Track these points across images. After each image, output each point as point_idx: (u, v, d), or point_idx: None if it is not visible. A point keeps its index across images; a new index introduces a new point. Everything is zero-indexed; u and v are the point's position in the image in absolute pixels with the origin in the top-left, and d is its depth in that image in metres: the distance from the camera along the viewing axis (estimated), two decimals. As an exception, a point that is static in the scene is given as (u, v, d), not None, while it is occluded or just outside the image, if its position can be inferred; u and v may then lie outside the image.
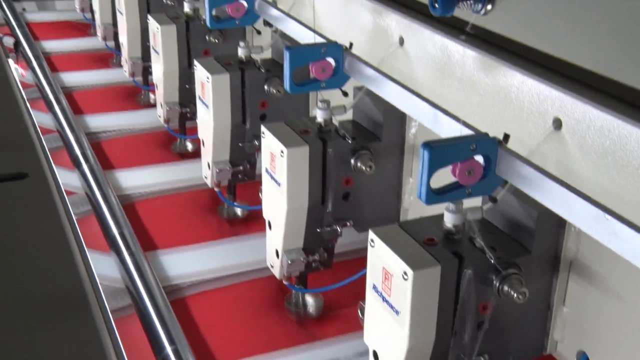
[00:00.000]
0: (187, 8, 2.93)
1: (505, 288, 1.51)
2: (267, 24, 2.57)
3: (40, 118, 3.32)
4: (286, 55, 1.96)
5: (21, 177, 1.91)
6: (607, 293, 1.58)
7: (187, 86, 2.97)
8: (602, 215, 1.27)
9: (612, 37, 1.28)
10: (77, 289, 1.59)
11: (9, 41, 4.08)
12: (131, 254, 2.40)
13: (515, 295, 1.50)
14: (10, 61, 3.09)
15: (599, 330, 1.61)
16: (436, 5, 1.48)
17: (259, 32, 2.87)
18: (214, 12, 2.49)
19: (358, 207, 2.12)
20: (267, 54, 2.61)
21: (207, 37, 2.86)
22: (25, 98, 2.55)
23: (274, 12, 2.41)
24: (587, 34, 1.33)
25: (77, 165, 2.95)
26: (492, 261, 1.51)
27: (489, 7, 1.47)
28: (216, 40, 2.86)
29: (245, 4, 2.47)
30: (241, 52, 2.49)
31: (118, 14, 3.42)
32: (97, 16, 3.95)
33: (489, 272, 1.52)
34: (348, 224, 2.11)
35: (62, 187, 2.04)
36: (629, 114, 1.24)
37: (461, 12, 1.51)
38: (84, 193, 2.81)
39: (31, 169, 1.94)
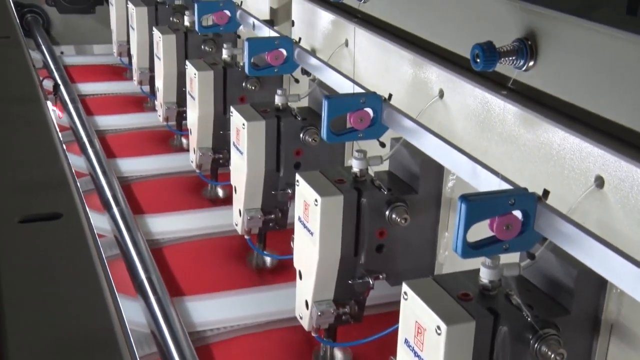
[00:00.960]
0: (225, 55, 2.96)
1: (543, 349, 1.49)
2: (305, 72, 2.62)
3: (74, 160, 3.36)
4: (325, 104, 1.98)
5: (56, 217, 1.93)
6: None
7: (221, 132, 2.99)
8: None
9: None
10: (107, 332, 1.60)
11: (48, 84, 4.14)
12: (158, 300, 2.40)
13: (552, 356, 1.49)
14: (49, 103, 3.14)
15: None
16: (478, 60, 1.52)
17: (296, 81, 2.87)
18: (252, 60, 2.53)
19: (392, 260, 2.11)
20: (304, 103, 2.64)
21: (244, 84, 2.89)
22: (62, 140, 2.59)
23: (313, 61, 2.45)
24: (630, 91, 1.35)
25: (107, 208, 2.98)
26: (529, 319, 1.50)
27: (531, 63, 1.51)
28: (253, 87, 2.88)
29: (284, 52, 2.52)
30: (278, 100, 2.51)
31: (156, 59, 3.47)
32: (134, 60, 4.01)
33: (526, 331, 1.51)
34: (381, 276, 2.10)
35: (94, 229, 2.06)
36: None
37: (503, 67, 1.54)
38: (113, 236, 2.84)
39: (65, 209, 1.96)
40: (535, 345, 1.50)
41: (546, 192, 1.49)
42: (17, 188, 2.13)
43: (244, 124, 2.44)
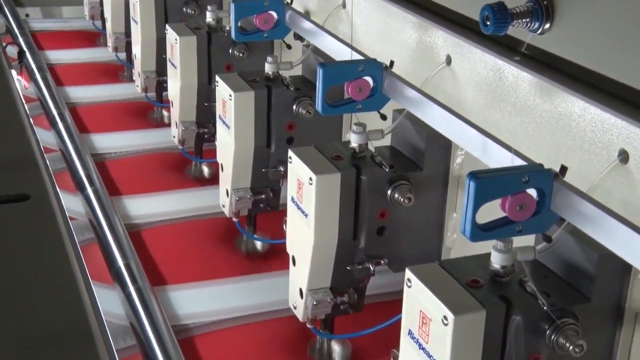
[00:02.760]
0: (209, 18, 2.97)
1: (560, 340, 1.50)
2: (298, 37, 2.62)
3: (43, 135, 3.34)
4: (319, 73, 1.98)
5: (23, 199, 1.95)
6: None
7: (206, 104, 2.99)
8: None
9: None
10: (81, 324, 1.62)
11: (12, 51, 4.12)
12: (137, 289, 2.41)
13: (571, 348, 1.49)
14: (13, 72, 3.14)
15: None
16: (488, 23, 1.51)
17: (288, 47, 2.87)
18: (239, 24, 2.53)
19: (394, 244, 2.12)
20: (297, 71, 2.63)
21: (230, 51, 2.89)
22: (29, 113, 2.59)
23: (306, 24, 2.46)
24: None
25: (80, 188, 2.96)
26: (545, 308, 1.51)
27: (547, 25, 1.50)
28: (241, 54, 2.89)
29: (275, 15, 2.52)
30: (268, 68, 2.52)
31: (132, 23, 3.46)
32: (108, 24, 4.00)
33: (541, 320, 1.51)
34: (382, 262, 2.11)
35: (66, 211, 2.07)
36: None
37: (515, 30, 1.54)
38: (87, 219, 2.83)
39: (34, 190, 1.98)
40: (552, 336, 1.51)
41: (564, 168, 1.49)
42: None
43: (230, 95, 2.45)
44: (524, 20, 1.50)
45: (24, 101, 2.72)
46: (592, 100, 1.44)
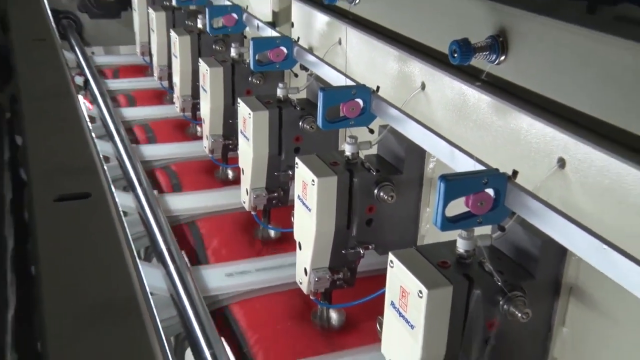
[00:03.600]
0: (233, 53, 2.93)
1: (511, 308, 1.49)
2: (303, 68, 2.60)
3: (102, 146, 3.36)
4: (320, 96, 1.97)
5: (86, 197, 1.91)
6: (603, 316, 1.55)
7: (230, 121, 2.96)
8: (600, 245, 1.26)
9: (612, 87, 1.28)
10: (130, 296, 1.58)
11: (79, 80, 4.12)
12: (176, 268, 2.40)
13: (519, 315, 1.48)
14: (80, 97, 3.12)
15: (595, 351, 1.58)
16: (455, 55, 1.50)
17: (296, 75, 2.86)
18: (257, 57, 2.51)
19: (379, 233, 2.09)
20: (303, 95, 2.61)
21: (250, 79, 2.86)
22: (91, 129, 2.56)
23: (310, 57, 2.43)
24: (588, 82, 1.33)
25: (132, 188, 2.97)
26: (499, 284, 1.49)
27: (502, 57, 1.49)
28: (258, 82, 2.86)
29: (285, 50, 2.49)
30: (280, 92, 2.49)
31: (173, 58, 3.43)
32: (154, 59, 3.97)
33: (496, 293, 1.50)
34: (370, 247, 2.09)
35: (119, 206, 2.04)
36: (627, 156, 1.23)
37: (477, 61, 1.52)
38: (137, 213, 2.82)
39: (94, 190, 1.94)
40: (504, 306, 1.50)
41: (515, 172, 1.49)
42: (52, 171, 2.11)
43: (249, 114, 2.42)
44: (484, 53, 1.48)
45: (87, 119, 2.68)
46: (537, 117, 1.42)
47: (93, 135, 2.95)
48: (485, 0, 1.49)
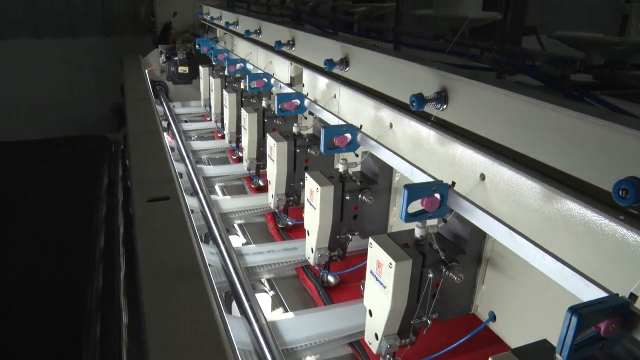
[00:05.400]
0: (264, 103, 2.88)
1: (450, 274, 1.47)
2: (310, 112, 2.55)
3: (178, 166, 3.26)
4: (322, 131, 1.93)
5: (166, 199, 1.88)
6: (507, 277, 1.53)
7: (261, 149, 2.88)
8: (507, 230, 1.24)
9: (515, 125, 1.25)
10: (195, 266, 1.54)
11: (165, 123, 4.09)
12: (225, 248, 2.32)
13: (455, 278, 1.46)
14: (165, 134, 3.09)
15: (503, 300, 1.56)
16: (414, 104, 1.46)
17: (305, 118, 2.83)
18: (279, 106, 2.47)
19: (362, 223, 2.05)
20: (310, 131, 2.56)
21: (275, 120, 2.80)
22: (171, 155, 2.53)
23: (315, 106, 2.40)
24: (500, 123, 1.30)
25: (196, 193, 2.91)
26: (442, 257, 1.47)
27: (445, 106, 1.45)
28: (280, 122, 2.80)
29: (298, 101, 2.45)
30: (295, 129, 2.44)
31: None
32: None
33: (440, 264, 1.48)
34: (356, 233, 2.04)
35: (189, 207, 2.01)
36: (525, 172, 1.20)
37: (428, 108, 1.49)
38: (200, 211, 2.75)
39: (172, 194, 1.91)
40: (445, 272, 1.48)
41: (453, 183, 1.46)
42: (146, 181, 2.09)
43: (274, 144, 2.35)
44: (433, 103, 1.44)
45: (169, 149, 2.65)
46: (467, 145, 1.39)
47: (172, 157, 2.93)
48: (434, 69, 1.46)
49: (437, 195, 1.41)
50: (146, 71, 4.88)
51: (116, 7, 8.14)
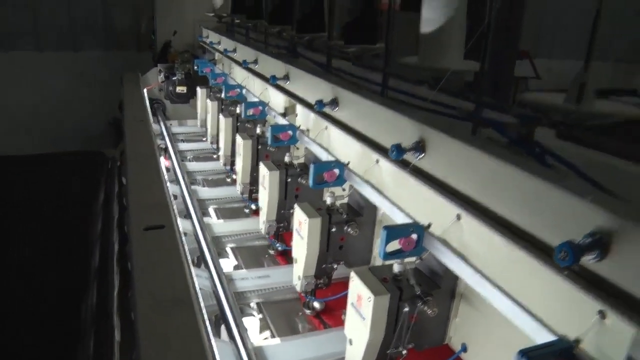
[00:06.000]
0: (258, 130, 2.95)
1: (425, 308, 1.54)
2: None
3: (172, 188, 3.31)
4: (311, 167, 2.00)
5: (162, 227, 1.96)
6: (479, 312, 1.61)
7: (254, 174, 2.94)
8: (473, 272, 1.33)
9: (480, 179, 1.33)
10: (186, 294, 1.63)
11: (161, 144, 4.14)
12: (217, 272, 2.39)
13: (429, 311, 1.54)
14: (162, 158, 3.16)
15: (474, 332, 1.64)
16: (394, 152, 1.55)
17: (297, 148, 2.89)
18: (274, 136, 2.51)
19: (347, 254, 2.11)
20: (302, 160, 2.61)
21: (268, 148, 2.82)
22: (166, 179, 2.60)
23: (306, 139, 2.47)
24: (470, 174, 1.39)
25: (190, 217, 2.98)
26: (418, 292, 1.55)
27: (422, 155, 1.53)
28: (273, 149, 2.83)
29: (291, 133, 2.52)
30: (287, 159, 2.51)
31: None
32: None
33: (416, 298, 1.55)
34: (341, 263, 2.11)
35: (182, 232, 2.08)
36: (489, 224, 1.28)
37: (407, 156, 1.57)
38: (193, 236, 2.79)
39: (167, 222, 1.99)
40: (421, 306, 1.55)
41: (430, 224, 1.53)
42: (143, 209, 2.17)
43: (267, 172, 2.42)
44: (411, 152, 1.53)
45: (165, 173, 2.72)
46: (441, 190, 1.46)
47: (167, 180, 2.99)
48: (413, 120, 1.55)
49: (414, 236, 1.49)
50: (145, 90, 4.97)
51: (118, 22, 8.26)
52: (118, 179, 4.45)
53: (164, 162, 3.44)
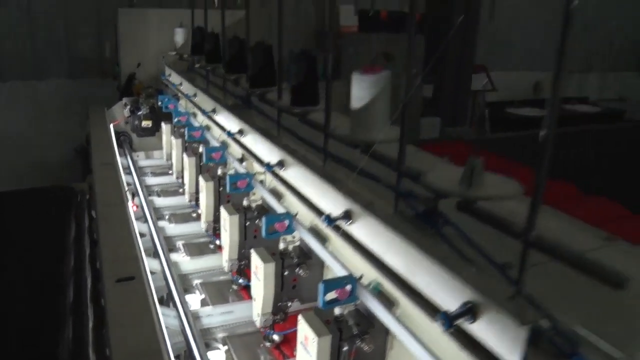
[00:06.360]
0: (219, 171, 3.10)
1: (362, 344, 1.72)
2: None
3: (140, 226, 3.35)
4: (263, 220, 2.19)
5: (131, 279, 2.13)
6: (403, 348, 1.76)
7: (217, 213, 3.04)
8: (392, 317, 1.56)
9: (402, 259, 1.53)
10: (154, 341, 1.80)
11: (128, 178, 4.11)
12: (184, 310, 2.53)
13: (366, 348, 1.71)
14: (130, 204, 3.26)
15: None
16: (325, 221, 1.75)
17: (254, 194, 3.00)
18: (231, 185, 2.69)
19: (300, 292, 2.30)
20: (260, 202, 2.73)
21: (227, 191, 2.94)
22: (135, 226, 2.74)
23: (262, 189, 2.64)
24: (385, 245, 1.59)
25: (158, 255, 3.11)
26: (356, 332, 1.75)
27: (351, 221, 1.71)
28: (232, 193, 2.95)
29: (247, 180, 2.71)
30: (245, 202, 2.68)
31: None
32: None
33: (355, 337, 1.74)
34: (295, 300, 2.31)
35: (148, 269, 2.20)
36: (399, 287, 1.51)
37: (339, 222, 1.76)
38: (164, 282, 2.89)
39: (136, 273, 2.17)
40: (359, 343, 1.72)
41: (361, 276, 1.75)
42: (114, 260, 2.33)
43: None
44: (340, 220, 1.72)
45: (133, 219, 2.82)
46: (363, 253, 1.66)
47: (137, 228, 3.04)
48: (340, 193, 1.77)
49: (348, 287, 1.70)
50: (111, 125, 5.09)
51: (82, 50, 8.32)
52: (88, 212, 4.54)
53: (132, 208, 3.57)
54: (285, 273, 2.25)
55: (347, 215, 1.76)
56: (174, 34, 5.35)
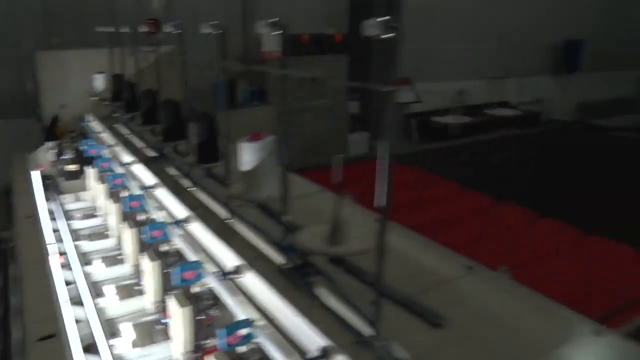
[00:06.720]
0: (144, 217, 3.25)
1: None
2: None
3: (66, 274, 3.26)
4: (175, 270, 2.34)
5: (52, 337, 2.18)
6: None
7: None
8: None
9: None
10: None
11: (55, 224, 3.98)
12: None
13: None
14: (56, 258, 3.23)
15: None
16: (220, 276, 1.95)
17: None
18: (150, 234, 2.80)
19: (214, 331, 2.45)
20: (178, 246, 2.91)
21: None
22: (61, 275, 2.72)
23: (175, 237, 2.81)
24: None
25: (83, 304, 3.03)
26: None
27: (243, 275, 1.96)
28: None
29: (163, 229, 2.81)
30: (166, 247, 2.80)
31: (109, 217, 3.37)
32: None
33: None
34: (212, 337, 2.40)
35: (74, 317, 2.24)
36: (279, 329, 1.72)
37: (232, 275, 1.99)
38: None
39: (58, 331, 2.26)
40: None
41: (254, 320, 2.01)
42: (35, 320, 2.40)
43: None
44: (232, 274, 1.95)
45: (54, 278, 2.77)
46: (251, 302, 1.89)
47: (58, 291, 2.90)
48: (231, 248, 1.99)
49: (244, 330, 1.91)
50: (37, 171, 5.02)
51: (1, 89, 8.09)
52: (12, 262, 4.36)
53: (58, 259, 3.59)
54: (202, 317, 2.42)
55: (238, 270, 2.00)
56: (93, 80, 5.36)
